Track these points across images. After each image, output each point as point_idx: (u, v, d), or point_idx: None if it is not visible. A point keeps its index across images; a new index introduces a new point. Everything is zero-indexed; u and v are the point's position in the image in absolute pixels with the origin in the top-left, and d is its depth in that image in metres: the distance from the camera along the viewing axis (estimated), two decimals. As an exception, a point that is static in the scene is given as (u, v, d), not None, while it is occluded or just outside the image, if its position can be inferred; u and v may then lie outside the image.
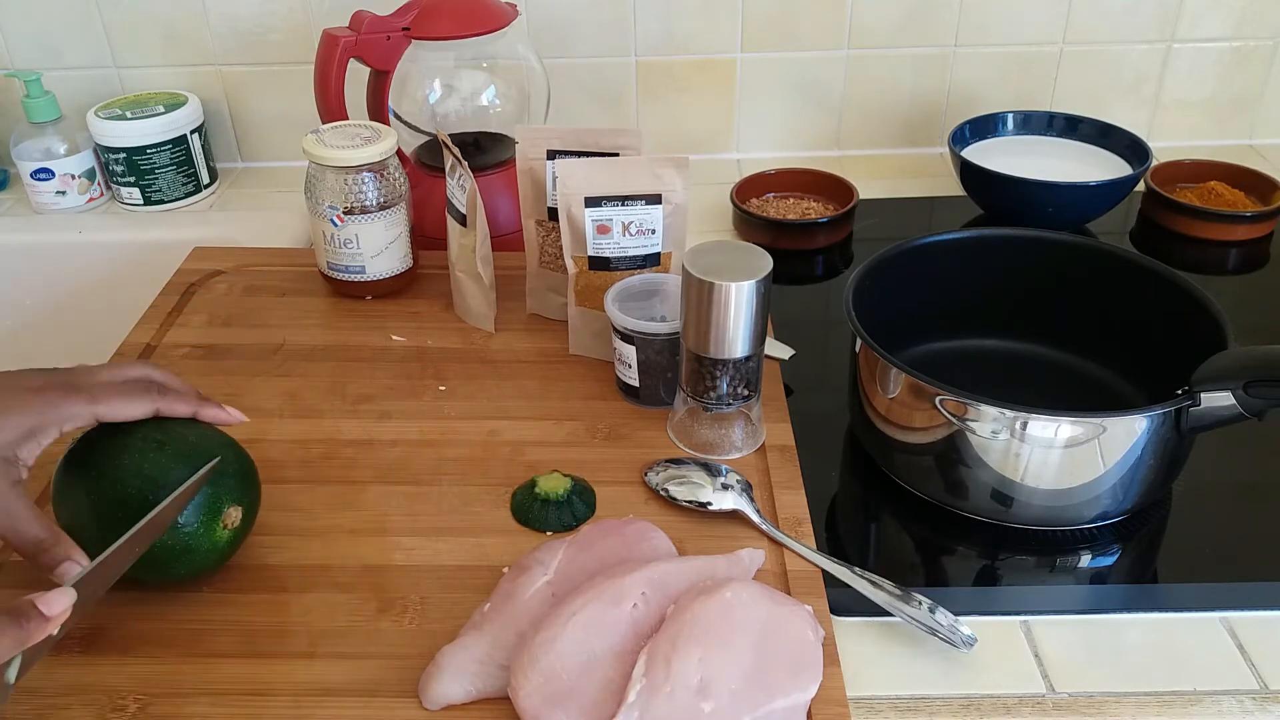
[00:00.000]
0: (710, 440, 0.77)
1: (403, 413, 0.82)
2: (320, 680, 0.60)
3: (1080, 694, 0.61)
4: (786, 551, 0.69)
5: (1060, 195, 1.02)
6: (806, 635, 0.60)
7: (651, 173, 0.82)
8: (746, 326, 0.71)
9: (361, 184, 0.89)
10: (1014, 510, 0.70)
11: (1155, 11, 1.18)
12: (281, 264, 1.02)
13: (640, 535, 0.68)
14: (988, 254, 0.85)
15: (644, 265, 0.85)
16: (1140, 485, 0.69)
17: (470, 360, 0.88)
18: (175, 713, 0.59)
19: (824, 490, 0.76)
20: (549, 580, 0.64)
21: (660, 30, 1.19)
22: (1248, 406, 0.65)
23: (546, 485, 0.72)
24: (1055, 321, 0.84)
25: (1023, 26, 1.19)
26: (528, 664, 0.57)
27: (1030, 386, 0.82)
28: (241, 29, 1.18)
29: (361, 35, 0.96)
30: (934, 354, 0.84)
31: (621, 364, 0.81)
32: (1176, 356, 0.70)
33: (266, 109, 1.23)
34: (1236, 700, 0.60)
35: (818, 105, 1.24)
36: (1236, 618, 0.66)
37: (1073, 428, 0.66)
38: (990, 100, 1.23)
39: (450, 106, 1.05)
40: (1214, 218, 1.05)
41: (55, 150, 1.14)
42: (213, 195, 1.22)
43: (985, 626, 0.64)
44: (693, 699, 0.55)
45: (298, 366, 0.88)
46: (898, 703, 0.61)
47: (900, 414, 0.72)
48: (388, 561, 0.68)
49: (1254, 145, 1.26)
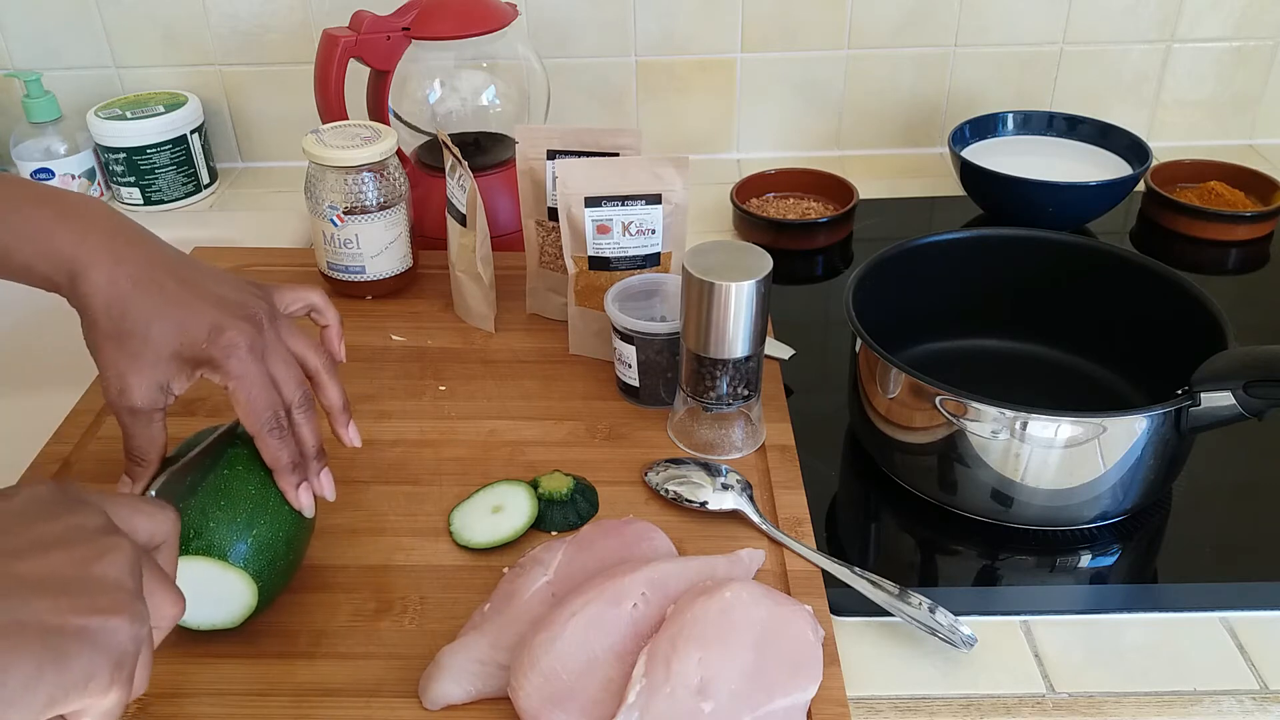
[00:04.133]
0: (710, 440, 0.77)
1: (403, 413, 0.82)
2: (320, 680, 0.60)
3: (1080, 694, 0.61)
4: (786, 551, 0.69)
5: (1060, 195, 1.02)
6: (806, 635, 0.60)
7: (651, 172, 0.82)
8: (746, 326, 0.71)
9: (361, 184, 0.89)
10: (1014, 510, 0.70)
11: (1155, 11, 1.18)
12: (281, 264, 1.02)
13: (640, 535, 0.68)
14: (988, 254, 0.85)
15: (644, 265, 0.85)
16: (1140, 485, 0.69)
17: (470, 360, 0.88)
18: (175, 713, 0.59)
19: (824, 490, 0.76)
20: (549, 580, 0.64)
21: (660, 30, 1.19)
22: (1248, 406, 0.65)
23: (549, 485, 0.72)
24: (1055, 321, 0.84)
25: (1023, 26, 1.19)
26: (528, 664, 0.57)
27: (1030, 386, 0.83)
28: (241, 29, 1.18)
29: (361, 35, 0.96)
30: (934, 354, 0.85)
31: (621, 364, 0.81)
32: (1176, 356, 0.70)
33: (266, 109, 1.23)
34: (1236, 700, 0.61)
35: (818, 105, 1.24)
36: (1236, 618, 0.66)
37: (1073, 428, 0.66)
38: (990, 100, 1.23)
39: (450, 106, 1.05)
40: (1214, 218, 1.05)
41: (55, 150, 1.14)
42: (213, 195, 1.22)
43: (985, 626, 0.64)
44: (693, 699, 0.55)
45: (298, 366, 0.88)
46: (898, 703, 0.61)
47: (900, 414, 0.72)
48: (388, 561, 0.69)
49: (1254, 145, 1.26)
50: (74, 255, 0.57)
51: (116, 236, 0.59)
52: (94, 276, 0.57)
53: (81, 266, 0.57)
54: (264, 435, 0.60)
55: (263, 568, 0.60)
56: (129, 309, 0.57)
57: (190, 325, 0.58)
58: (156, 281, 0.59)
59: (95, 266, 0.57)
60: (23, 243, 0.58)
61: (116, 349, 0.57)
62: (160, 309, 0.58)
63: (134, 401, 0.58)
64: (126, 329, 0.57)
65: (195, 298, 0.59)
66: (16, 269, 0.58)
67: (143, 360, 0.58)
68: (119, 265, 0.58)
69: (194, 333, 0.58)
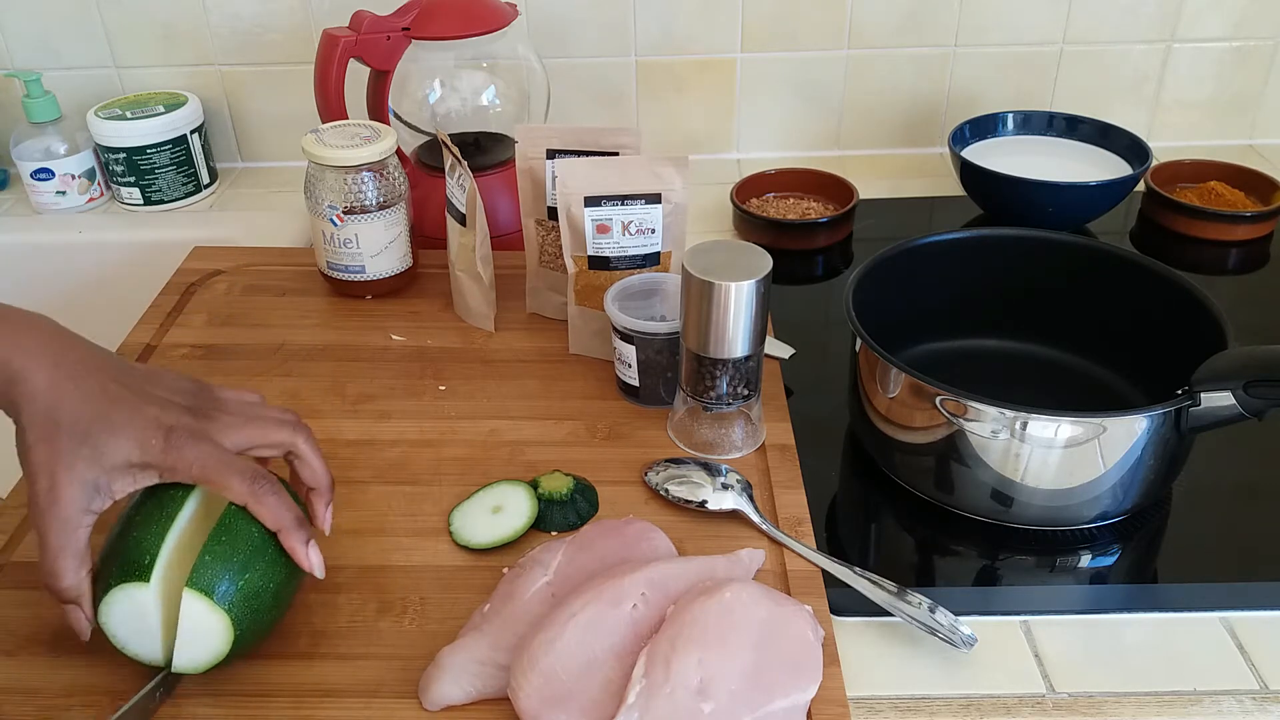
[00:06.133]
0: (710, 440, 0.77)
1: (403, 412, 0.82)
2: (321, 680, 0.60)
3: (1080, 694, 0.61)
4: (786, 551, 0.69)
5: (1060, 195, 1.02)
6: (806, 635, 0.60)
7: (651, 172, 0.82)
8: (746, 326, 0.71)
9: (361, 184, 0.89)
10: (1014, 510, 0.70)
11: (1155, 11, 1.18)
12: (281, 264, 1.02)
13: (640, 535, 0.68)
14: (988, 254, 0.85)
15: (644, 265, 0.85)
16: (1140, 485, 0.69)
17: (470, 360, 0.88)
18: (176, 713, 0.59)
19: (824, 490, 0.76)
20: (549, 580, 0.64)
21: (660, 30, 1.19)
22: (1248, 406, 0.65)
23: (550, 485, 0.72)
24: (1055, 321, 0.84)
25: (1023, 26, 1.19)
26: (527, 665, 0.57)
27: (1030, 386, 0.83)
28: (241, 29, 1.18)
29: (361, 35, 0.96)
30: (934, 354, 0.84)
31: (621, 364, 0.81)
32: (1176, 356, 0.70)
33: (266, 109, 1.23)
34: (1236, 700, 0.60)
35: (818, 105, 1.24)
36: (1236, 618, 0.65)
37: (1073, 428, 0.66)
38: (990, 100, 1.23)
39: (450, 106, 1.05)
40: (1214, 218, 1.05)
41: (55, 150, 1.14)
42: (213, 195, 1.22)
43: (985, 626, 0.64)
44: (693, 699, 0.55)
45: (298, 366, 0.88)
46: (898, 703, 0.61)
47: (900, 414, 0.72)
48: (388, 561, 0.69)
49: (1254, 145, 1.26)
50: (8, 358, 0.55)
51: (53, 340, 0.57)
52: (33, 379, 0.55)
53: (17, 370, 0.55)
54: (261, 498, 0.58)
55: (244, 615, 0.57)
56: (72, 409, 0.55)
57: (139, 428, 0.56)
58: (98, 383, 0.56)
59: (34, 370, 0.55)
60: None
61: (48, 452, 0.54)
62: (106, 411, 0.56)
63: (62, 509, 0.54)
64: (65, 429, 0.55)
65: (138, 399, 0.57)
66: None
67: (78, 460, 0.54)
68: (58, 368, 0.56)
69: (144, 436, 0.56)
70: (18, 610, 0.65)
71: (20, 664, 0.62)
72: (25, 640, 0.63)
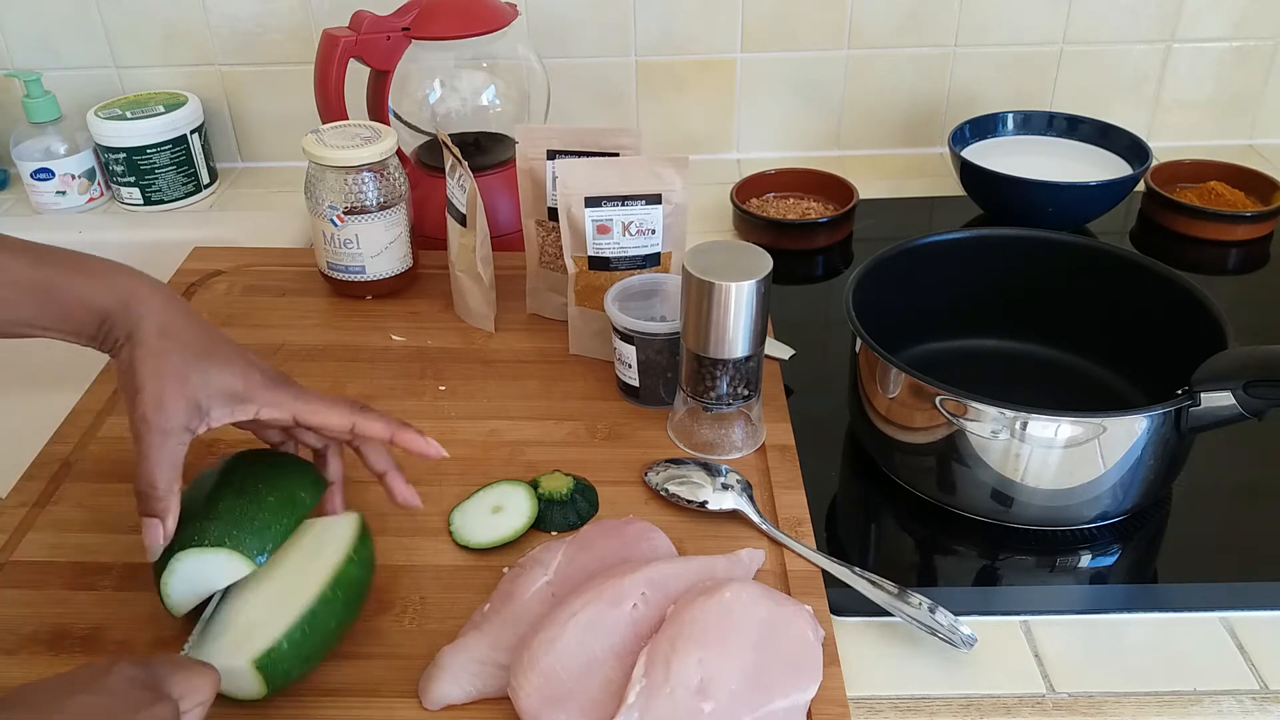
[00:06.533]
0: (710, 440, 0.77)
1: (403, 413, 0.81)
2: (320, 680, 0.60)
3: (1080, 694, 0.61)
4: (786, 551, 0.69)
5: (1060, 195, 1.02)
6: (806, 635, 0.60)
7: (651, 172, 0.82)
8: (746, 326, 0.71)
9: (361, 184, 0.89)
10: (1014, 510, 0.70)
11: (1155, 11, 1.18)
12: (281, 264, 1.02)
13: (640, 535, 0.68)
14: (988, 254, 0.85)
15: (644, 265, 0.85)
16: (1140, 485, 0.69)
17: (470, 360, 0.88)
18: (175, 713, 0.59)
19: (824, 490, 0.76)
20: (549, 580, 0.64)
21: (660, 30, 1.19)
22: (1248, 406, 0.65)
23: (550, 485, 0.72)
24: (1055, 321, 0.84)
25: (1023, 26, 1.19)
26: (528, 664, 0.57)
27: (1030, 386, 0.82)
28: (241, 29, 1.18)
29: (361, 35, 0.96)
30: (934, 354, 0.84)
31: (621, 364, 0.81)
32: (1176, 356, 0.70)
33: (266, 109, 1.23)
34: (1236, 700, 0.61)
35: (818, 105, 1.24)
36: (1236, 618, 0.66)
37: (1073, 428, 0.66)
38: (990, 100, 1.23)
39: (450, 106, 1.05)
40: (1214, 218, 1.05)
41: (55, 150, 1.14)
42: (213, 195, 1.22)
43: (985, 626, 0.64)
44: (693, 699, 0.55)
45: (298, 366, 0.88)
46: (898, 703, 0.61)
47: (900, 414, 0.72)
48: (388, 561, 0.68)
49: (1254, 145, 1.26)
50: (132, 287, 0.60)
51: (164, 288, 0.62)
52: (151, 301, 0.60)
53: (139, 291, 0.60)
54: (363, 421, 0.64)
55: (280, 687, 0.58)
56: (183, 334, 0.60)
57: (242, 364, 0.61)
58: (204, 324, 0.62)
59: (152, 295, 0.61)
60: (78, 276, 0.60)
61: (159, 364, 0.58)
62: (212, 345, 0.61)
63: (166, 419, 0.58)
64: (176, 349, 0.59)
65: (237, 346, 0.63)
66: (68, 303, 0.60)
67: (190, 376, 0.59)
68: (172, 302, 0.61)
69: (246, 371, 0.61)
70: (18, 610, 0.65)
71: (20, 663, 0.62)
72: (25, 640, 0.63)
